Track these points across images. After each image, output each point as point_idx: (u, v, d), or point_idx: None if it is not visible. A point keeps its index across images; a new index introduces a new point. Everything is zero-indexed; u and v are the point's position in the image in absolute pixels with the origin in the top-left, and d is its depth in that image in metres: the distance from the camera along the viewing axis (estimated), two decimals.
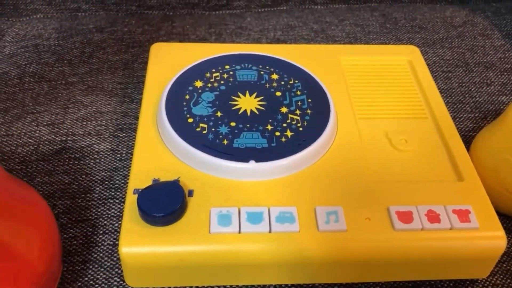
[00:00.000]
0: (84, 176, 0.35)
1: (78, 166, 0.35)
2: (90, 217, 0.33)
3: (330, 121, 0.33)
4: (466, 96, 0.43)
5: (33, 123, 0.38)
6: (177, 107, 0.33)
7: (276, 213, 0.28)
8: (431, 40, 0.49)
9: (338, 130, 0.33)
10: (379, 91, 0.37)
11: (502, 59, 0.47)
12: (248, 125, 0.32)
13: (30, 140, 0.37)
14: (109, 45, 0.46)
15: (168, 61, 0.37)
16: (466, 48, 0.48)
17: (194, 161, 0.30)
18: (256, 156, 0.30)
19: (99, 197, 0.34)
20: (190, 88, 0.34)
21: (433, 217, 0.28)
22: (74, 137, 0.37)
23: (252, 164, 0.30)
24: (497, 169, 0.32)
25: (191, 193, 0.28)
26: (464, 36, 0.50)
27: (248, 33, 0.49)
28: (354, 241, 0.27)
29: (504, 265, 0.32)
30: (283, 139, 0.31)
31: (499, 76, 0.46)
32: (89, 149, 0.36)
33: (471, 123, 0.41)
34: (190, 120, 0.32)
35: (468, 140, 0.38)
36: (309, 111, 0.33)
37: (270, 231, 0.27)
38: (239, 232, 0.27)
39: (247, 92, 0.35)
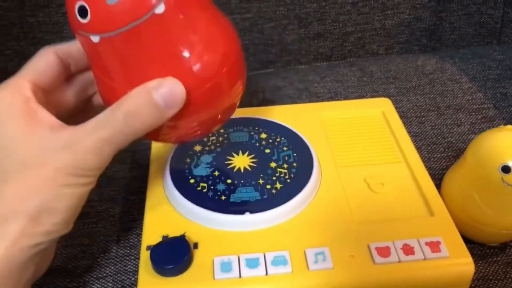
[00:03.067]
0: (102, 237, 0.39)
1: (96, 229, 0.40)
2: (110, 273, 0.37)
3: (314, 171, 0.37)
4: (439, 137, 0.48)
5: None
6: (180, 170, 0.38)
7: (271, 258, 0.32)
8: (404, 89, 0.54)
9: (321, 179, 0.38)
10: (356, 141, 0.41)
11: (470, 101, 0.52)
12: (242, 181, 0.37)
13: None
14: None
15: None
16: (437, 93, 0.54)
17: (197, 217, 0.34)
18: (251, 208, 0.34)
19: (116, 255, 0.38)
20: (191, 152, 0.40)
21: (408, 249, 0.32)
22: (91, 203, 0.42)
23: (247, 216, 0.34)
24: (464, 203, 0.36)
25: (196, 245, 0.33)
26: (435, 82, 0.55)
27: None
28: (340, 277, 0.31)
29: None
30: (274, 191, 0.36)
31: (468, 116, 0.51)
32: (105, 213, 0.41)
33: (445, 161, 0.45)
34: (192, 181, 0.37)
35: (442, 178, 0.42)
36: (295, 164, 0.38)
37: (266, 274, 0.31)
38: (240, 276, 0.31)
39: (240, 151, 0.39)
